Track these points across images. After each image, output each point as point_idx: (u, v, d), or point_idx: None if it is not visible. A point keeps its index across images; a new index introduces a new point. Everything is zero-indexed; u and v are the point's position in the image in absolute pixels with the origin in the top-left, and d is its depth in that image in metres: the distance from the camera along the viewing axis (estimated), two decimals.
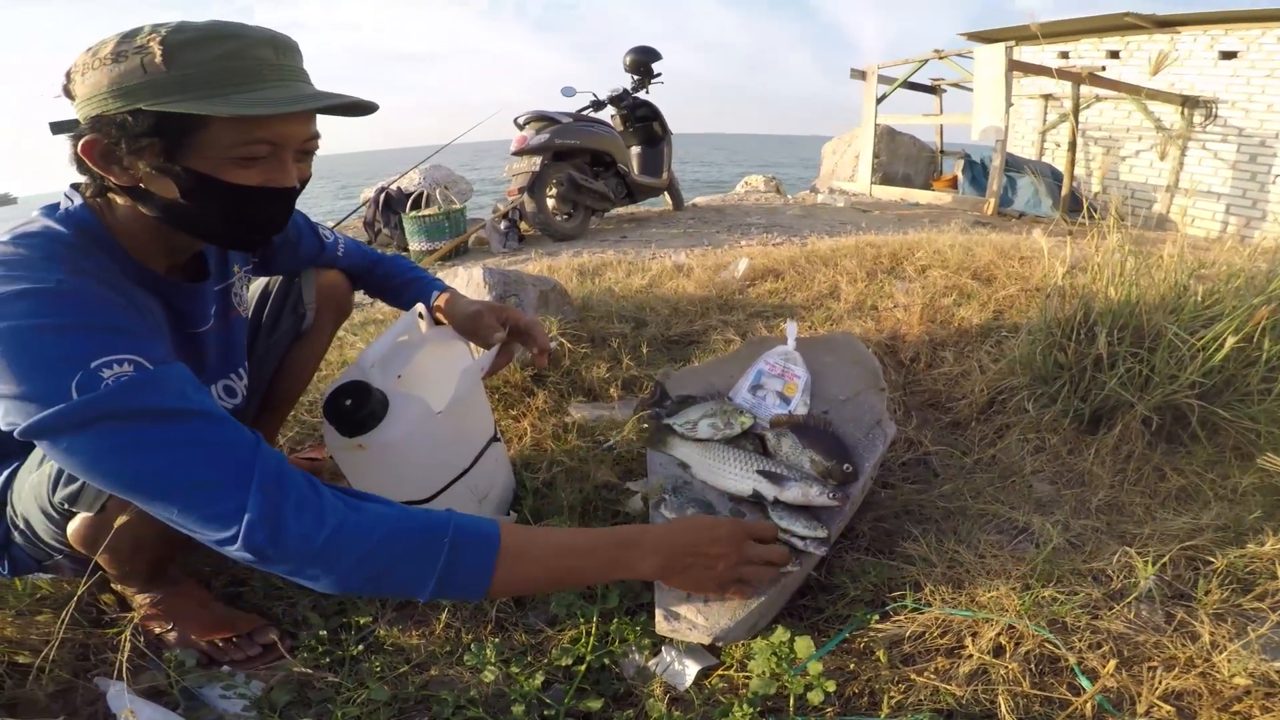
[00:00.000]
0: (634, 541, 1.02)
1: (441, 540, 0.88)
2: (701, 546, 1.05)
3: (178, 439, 0.80)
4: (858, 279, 2.79)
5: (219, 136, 0.86)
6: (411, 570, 0.88)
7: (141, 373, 0.80)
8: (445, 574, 0.88)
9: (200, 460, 0.80)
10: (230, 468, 0.81)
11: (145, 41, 0.82)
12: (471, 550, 0.90)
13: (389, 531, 0.87)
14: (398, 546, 0.87)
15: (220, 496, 0.80)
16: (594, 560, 0.99)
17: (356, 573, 0.86)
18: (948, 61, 9.42)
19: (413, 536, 0.88)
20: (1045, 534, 1.33)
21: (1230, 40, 7.75)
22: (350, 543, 0.84)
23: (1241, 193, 7.88)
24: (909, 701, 1.03)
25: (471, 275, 2.40)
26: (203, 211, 0.91)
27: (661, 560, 1.02)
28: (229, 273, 1.23)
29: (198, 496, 0.80)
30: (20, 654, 1.14)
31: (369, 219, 5.43)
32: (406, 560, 0.87)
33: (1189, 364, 1.57)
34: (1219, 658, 1.00)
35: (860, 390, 1.60)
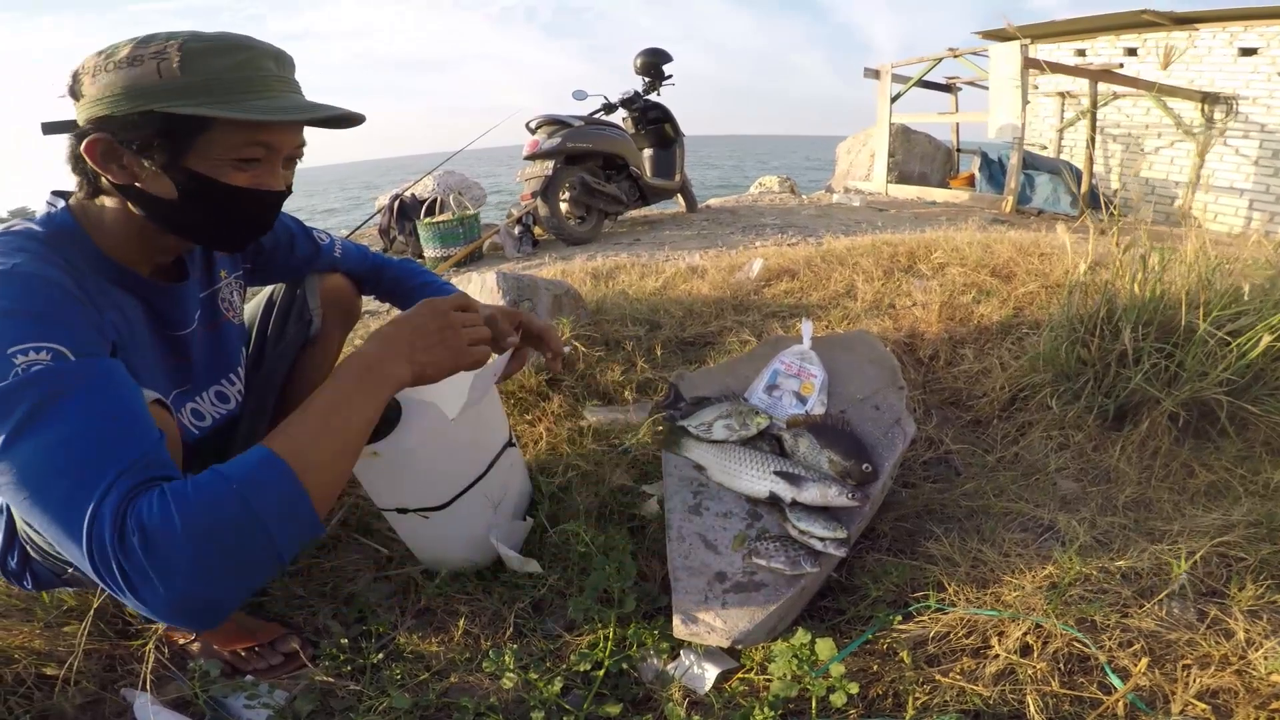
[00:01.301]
0: (369, 362, 0.93)
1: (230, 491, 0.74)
2: (421, 330, 0.99)
3: (55, 440, 0.73)
4: (874, 278, 2.76)
5: (223, 139, 0.90)
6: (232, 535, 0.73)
7: (59, 363, 0.76)
8: (265, 522, 0.75)
9: (71, 465, 0.72)
10: (98, 475, 0.72)
11: (163, 48, 0.86)
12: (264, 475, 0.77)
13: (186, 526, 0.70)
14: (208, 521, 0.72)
15: (75, 505, 0.71)
16: (357, 405, 0.89)
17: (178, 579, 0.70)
18: (962, 60, 9.34)
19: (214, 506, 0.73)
20: (1071, 532, 1.31)
21: (1250, 37, 7.65)
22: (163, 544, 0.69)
23: (1265, 188, 7.77)
24: (934, 702, 1.01)
25: (485, 280, 2.40)
26: (196, 211, 0.94)
27: (404, 359, 0.95)
28: (215, 278, 1.23)
29: (56, 500, 0.71)
30: (48, 666, 1.15)
31: (384, 226, 5.46)
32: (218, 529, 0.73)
33: (1220, 360, 1.54)
34: (1254, 655, 0.97)
35: (878, 389, 1.58)
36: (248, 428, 1.35)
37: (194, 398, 1.20)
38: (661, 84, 6.00)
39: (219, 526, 0.72)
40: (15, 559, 1.10)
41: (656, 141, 6.12)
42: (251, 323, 1.44)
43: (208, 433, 1.22)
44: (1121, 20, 8.55)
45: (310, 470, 0.81)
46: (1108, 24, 8.82)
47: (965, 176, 9.94)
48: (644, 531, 1.47)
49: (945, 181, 10.20)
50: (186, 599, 0.71)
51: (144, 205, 0.94)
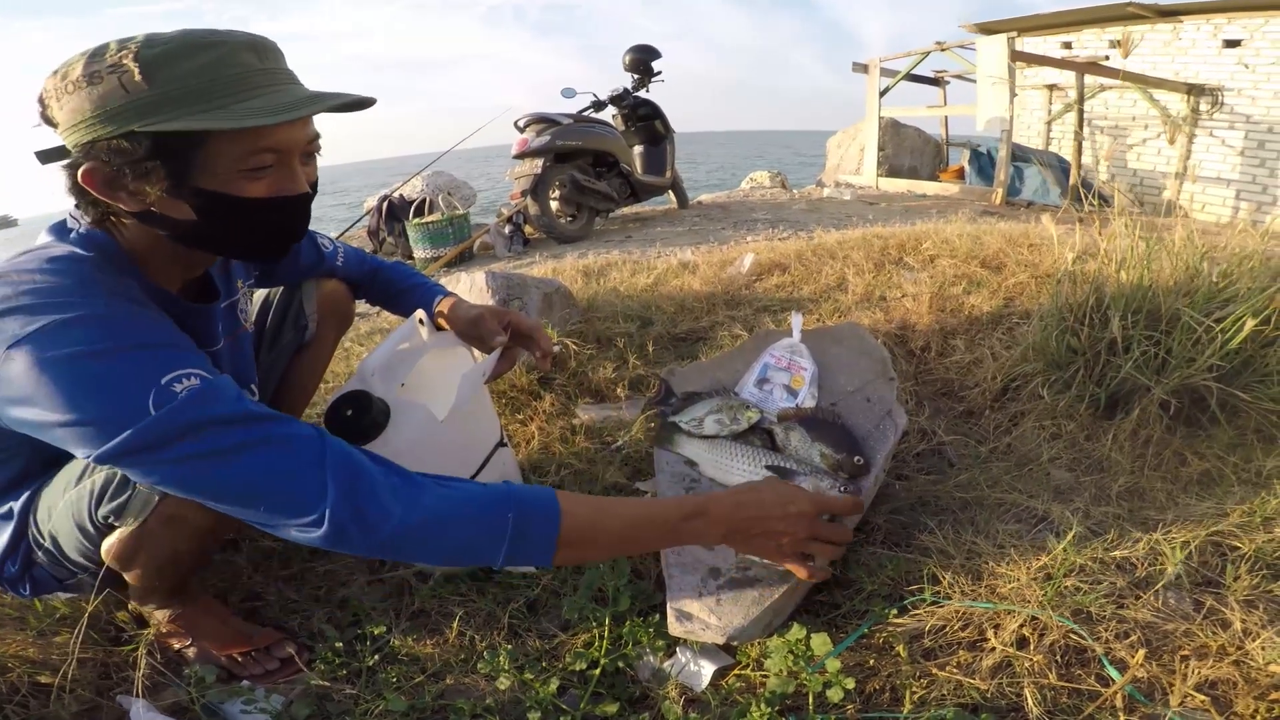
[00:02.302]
0: (701, 512, 0.97)
1: (505, 515, 0.88)
2: (771, 522, 0.99)
3: (251, 440, 0.81)
4: (865, 270, 2.76)
5: (222, 151, 0.83)
6: (480, 547, 0.88)
7: (205, 383, 0.82)
8: (512, 551, 0.88)
9: (276, 456, 0.82)
10: (304, 458, 0.82)
11: (117, 59, 0.78)
12: (535, 528, 0.89)
13: (455, 513, 0.88)
14: (465, 528, 0.88)
15: (301, 485, 0.81)
16: (658, 531, 0.96)
17: (433, 549, 0.89)
18: (950, 53, 9.36)
19: (478, 518, 0.88)
20: (1065, 522, 1.31)
21: (1233, 29, 7.69)
22: (422, 524, 0.85)
23: (1251, 178, 7.82)
24: (931, 697, 1.01)
25: (474, 280, 2.39)
26: (222, 229, 0.91)
27: (727, 531, 0.98)
28: (234, 289, 1.22)
29: (280, 490, 0.81)
30: (42, 674, 1.14)
31: (373, 228, 5.44)
32: (476, 539, 0.88)
33: (1206, 346, 1.54)
34: (1252, 645, 0.97)
35: (869, 381, 1.57)
36: None
37: None
38: (651, 80, 5.99)
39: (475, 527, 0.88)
40: (16, 564, 1.10)
41: (647, 138, 6.12)
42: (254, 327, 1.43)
43: None
44: (1107, 13, 8.58)
45: (574, 546, 0.91)
46: (1093, 16, 8.85)
47: (955, 169, 9.97)
48: None
49: (935, 174, 10.23)
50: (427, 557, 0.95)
51: (165, 228, 0.89)
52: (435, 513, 0.86)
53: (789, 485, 1.04)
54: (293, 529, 0.83)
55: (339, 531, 0.81)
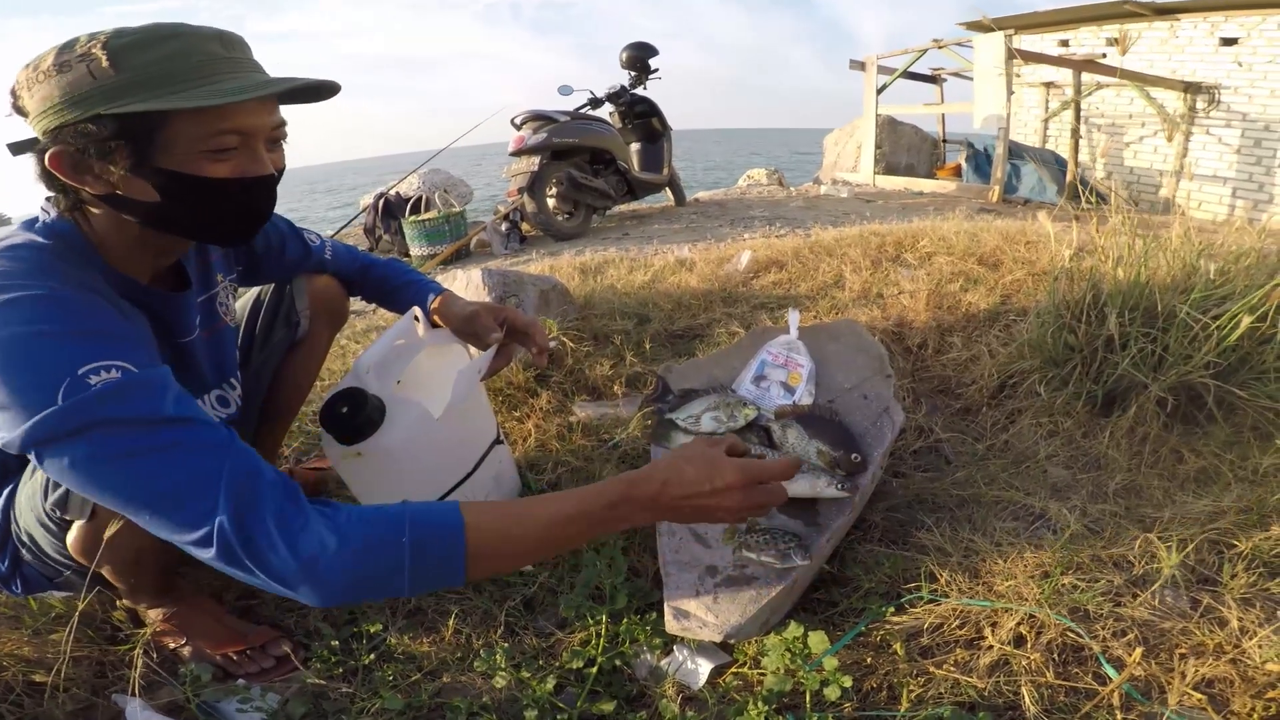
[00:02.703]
0: (625, 499, 0.90)
1: (400, 540, 0.81)
2: (699, 499, 0.91)
3: (149, 445, 0.78)
4: (862, 268, 2.76)
5: (185, 131, 0.85)
6: (380, 578, 0.81)
7: (127, 376, 0.79)
8: (415, 577, 0.81)
9: (169, 465, 0.78)
10: (199, 471, 0.78)
11: (87, 49, 0.82)
12: (435, 549, 0.82)
13: (346, 545, 0.80)
14: (361, 555, 0.80)
15: (190, 499, 0.77)
16: (579, 527, 0.89)
17: (328, 586, 0.79)
18: (947, 51, 9.35)
19: (372, 543, 0.81)
20: (1062, 520, 1.31)
21: (1230, 27, 7.70)
22: (311, 560, 0.78)
23: (1248, 176, 7.83)
24: (929, 695, 1.01)
25: (471, 277, 2.38)
26: (185, 210, 0.91)
27: (655, 514, 0.92)
28: (212, 282, 1.21)
29: (167, 501, 0.77)
30: (37, 673, 1.14)
31: (369, 225, 5.43)
32: (372, 572, 0.81)
33: (1203, 343, 1.54)
34: (1249, 644, 0.97)
35: (866, 377, 1.57)
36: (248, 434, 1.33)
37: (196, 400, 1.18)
38: (648, 78, 5.98)
39: (374, 560, 0.81)
40: (5, 563, 1.09)
41: (644, 135, 6.11)
42: (239, 323, 1.42)
43: None
44: (1104, 11, 8.59)
45: (488, 559, 0.85)
46: (1090, 14, 8.86)
47: (952, 167, 9.97)
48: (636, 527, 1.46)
49: (932, 172, 10.23)
50: (323, 598, 0.80)
51: (131, 211, 0.90)
52: (326, 547, 0.78)
53: (713, 454, 0.93)
54: (183, 543, 0.78)
55: (227, 555, 0.77)
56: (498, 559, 0.87)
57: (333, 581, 0.79)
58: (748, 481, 0.92)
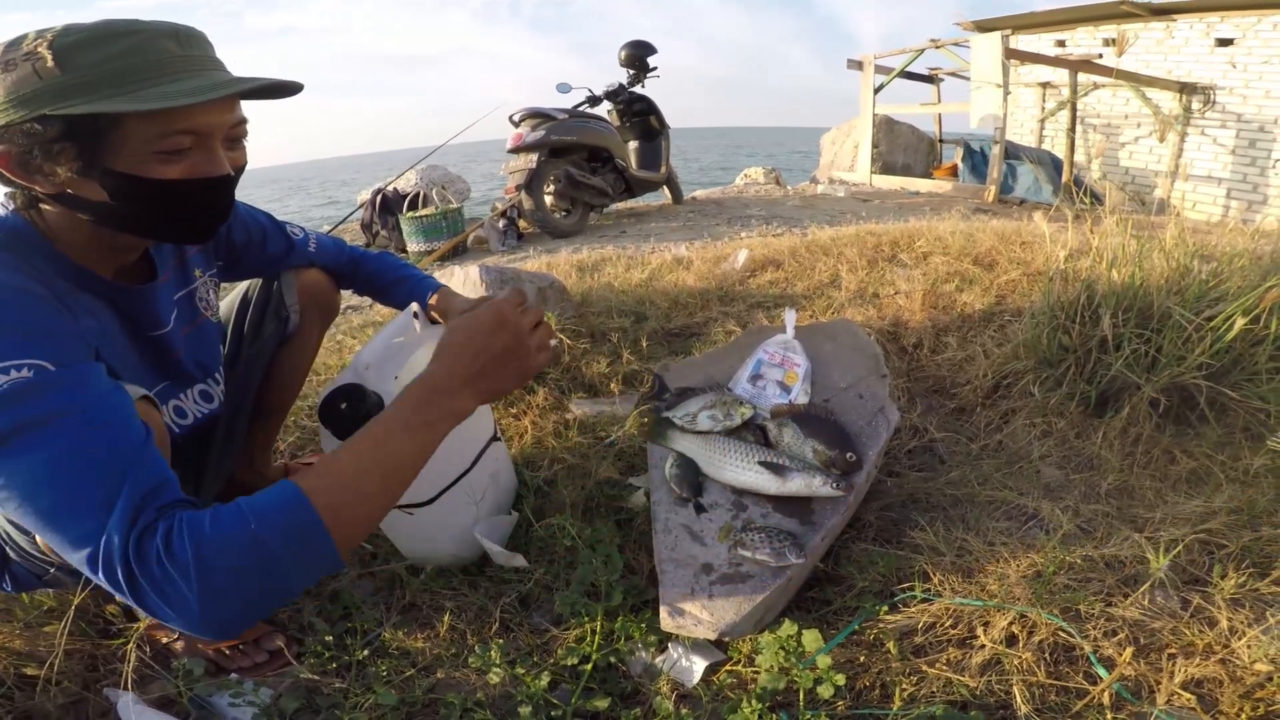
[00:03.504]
0: (432, 391, 0.88)
1: (254, 538, 0.73)
2: (489, 350, 0.91)
3: (44, 452, 0.73)
4: (859, 267, 2.76)
5: (135, 133, 0.83)
6: (255, 583, 0.73)
7: (40, 375, 0.76)
8: (288, 567, 0.74)
9: (63, 476, 0.73)
10: (96, 483, 0.73)
11: (32, 48, 0.80)
12: (286, 522, 0.75)
13: (203, 557, 0.70)
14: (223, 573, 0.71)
15: (79, 514, 0.71)
16: (412, 438, 0.85)
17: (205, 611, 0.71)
18: (944, 51, 9.37)
19: (227, 548, 0.72)
20: (1055, 520, 1.32)
21: (1225, 28, 7.73)
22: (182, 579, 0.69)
23: (1242, 177, 7.86)
24: (921, 693, 1.01)
25: (468, 274, 2.38)
26: (136, 210, 0.89)
27: (469, 390, 0.90)
28: (190, 277, 1.20)
29: (56, 514, 0.72)
30: (28, 666, 1.13)
31: (366, 221, 5.41)
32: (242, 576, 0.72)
33: (1196, 344, 1.55)
34: (1238, 644, 0.98)
35: (862, 377, 1.58)
36: (226, 426, 1.33)
37: (177, 395, 1.18)
38: (646, 76, 5.98)
39: (234, 565, 0.72)
40: None
41: (642, 134, 6.10)
42: (227, 319, 1.41)
43: (189, 431, 1.20)
44: (1100, 11, 8.60)
45: (341, 509, 0.78)
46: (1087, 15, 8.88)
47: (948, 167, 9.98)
48: (630, 524, 1.47)
49: (928, 172, 10.24)
50: (203, 623, 0.72)
51: (83, 210, 0.89)
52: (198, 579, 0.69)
53: (469, 315, 0.93)
54: (72, 560, 0.72)
55: (109, 579, 0.70)
56: (355, 508, 0.80)
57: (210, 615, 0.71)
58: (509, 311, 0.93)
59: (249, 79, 0.88)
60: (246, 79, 0.88)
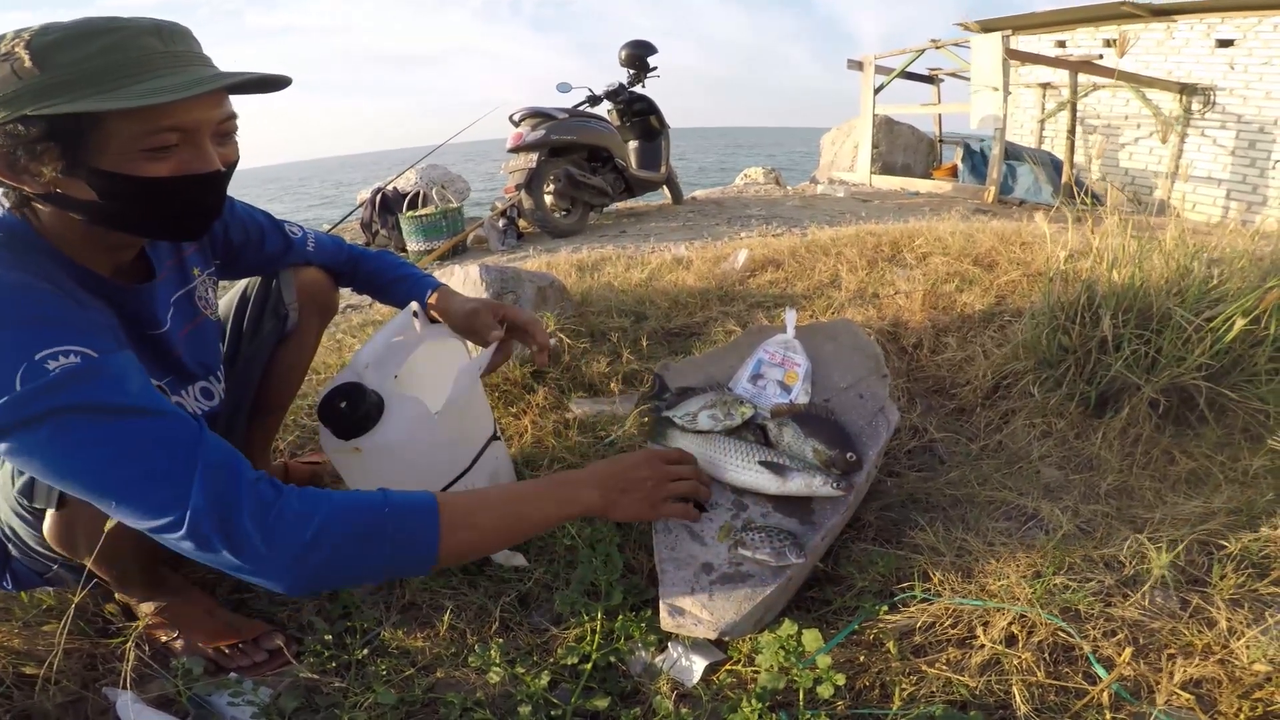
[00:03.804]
0: (570, 480, 1.10)
1: (381, 513, 0.89)
2: (629, 472, 1.13)
3: (118, 433, 0.78)
4: (858, 267, 2.76)
5: (119, 132, 0.82)
6: (358, 550, 0.87)
7: (87, 361, 0.79)
8: (393, 555, 0.89)
9: (141, 453, 0.79)
10: (172, 458, 0.80)
11: (10, 48, 0.79)
12: (412, 522, 0.90)
13: (329, 515, 0.86)
14: (341, 528, 0.86)
15: (162, 485, 0.78)
16: (538, 505, 1.03)
17: (305, 561, 0.84)
18: (944, 51, 9.38)
19: (352, 517, 0.87)
20: (1055, 520, 1.32)
21: (1226, 29, 7.74)
22: (294, 529, 0.83)
23: (1242, 178, 7.87)
24: (921, 693, 1.01)
25: (468, 273, 2.38)
26: (125, 209, 0.89)
27: (599, 490, 1.08)
28: (189, 276, 1.20)
29: (137, 487, 0.78)
30: (27, 665, 1.13)
31: (366, 220, 5.41)
32: (352, 540, 0.87)
33: (1196, 345, 1.55)
34: (1237, 644, 0.98)
35: (862, 377, 1.58)
36: (225, 424, 1.33)
37: (178, 392, 1.18)
38: (646, 76, 5.98)
39: (349, 539, 0.86)
40: None
41: (642, 133, 6.11)
42: (226, 317, 1.41)
43: None
44: (1101, 12, 8.62)
45: (458, 539, 0.93)
46: (1087, 15, 8.89)
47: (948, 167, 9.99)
48: (630, 524, 1.47)
49: (928, 172, 10.25)
50: (291, 581, 0.85)
51: (73, 210, 0.88)
52: (305, 532, 0.83)
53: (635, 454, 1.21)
54: (156, 532, 0.80)
55: (202, 541, 0.79)
56: (465, 539, 0.94)
57: (308, 568, 0.84)
58: (658, 457, 1.21)
59: (233, 73, 0.88)
60: (230, 73, 0.88)
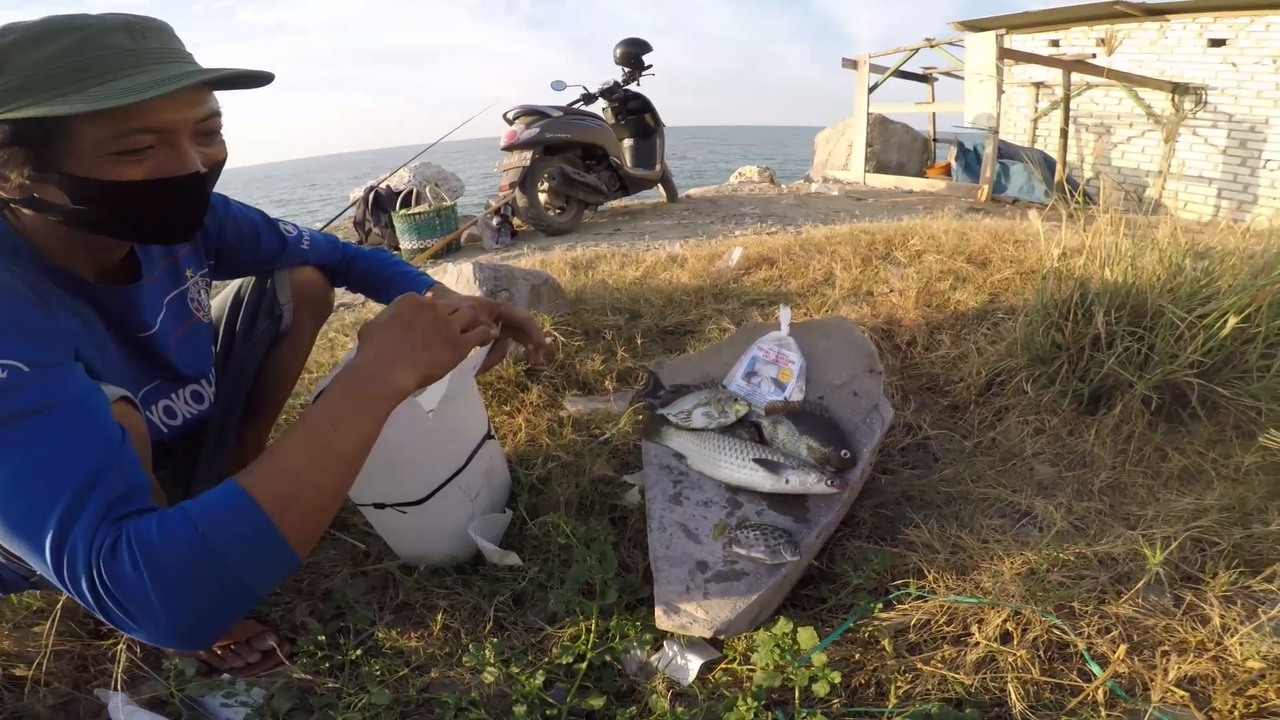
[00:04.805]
0: (361, 374, 0.87)
1: (194, 537, 0.70)
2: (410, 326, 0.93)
3: (8, 455, 0.71)
4: (853, 265, 2.77)
5: (86, 135, 0.78)
6: (205, 589, 0.71)
7: (13, 375, 0.73)
8: (241, 567, 0.72)
9: (27, 481, 0.70)
10: (61, 489, 0.70)
11: None
12: (232, 524, 0.72)
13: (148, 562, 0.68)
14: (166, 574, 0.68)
15: (44, 520, 0.68)
16: (353, 421, 0.83)
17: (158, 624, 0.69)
18: (939, 50, 9.40)
19: (177, 553, 0.69)
20: (1048, 517, 1.32)
21: (1219, 28, 7.77)
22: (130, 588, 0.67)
23: (1233, 177, 7.91)
24: (916, 691, 1.01)
25: (462, 271, 2.37)
26: (101, 214, 0.85)
27: (397, 364, 0.89)
28: (181, 278, 1.18)
29: (21, 521, 0.69)
30: (17, 667, 1.13)
31: (359, 218, 5.39)
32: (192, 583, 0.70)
33: (1188, 342, 1.55)
34: (1231, 641, 0.98)
35: (856, 374, 1.58)
36: (218, 426, 1.32)
37: (168, 395, 1.16)
38: (641, 74, 5.98)
39: (186, 573, 0.69)
40: None
41: (637, 131, 6.10)
42: (219, 318, 1.40)
43: (179, 431, 1.19)
44: (1094, 11, 8.64)
45: (290, 503, 0.75)
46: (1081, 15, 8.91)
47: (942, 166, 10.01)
48: (625, 522, 1.47)
49: (922, 171, 10.26)
50: (167, 634, 0.70)
51: (51, 213, 0.85)
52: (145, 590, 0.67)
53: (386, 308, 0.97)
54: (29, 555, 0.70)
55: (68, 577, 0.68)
56: (304, 500, 0.77)
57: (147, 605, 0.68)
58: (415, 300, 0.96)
59: (206, 70, 0.83)
60: (203, 70, 0.83)
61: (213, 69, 0.83)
